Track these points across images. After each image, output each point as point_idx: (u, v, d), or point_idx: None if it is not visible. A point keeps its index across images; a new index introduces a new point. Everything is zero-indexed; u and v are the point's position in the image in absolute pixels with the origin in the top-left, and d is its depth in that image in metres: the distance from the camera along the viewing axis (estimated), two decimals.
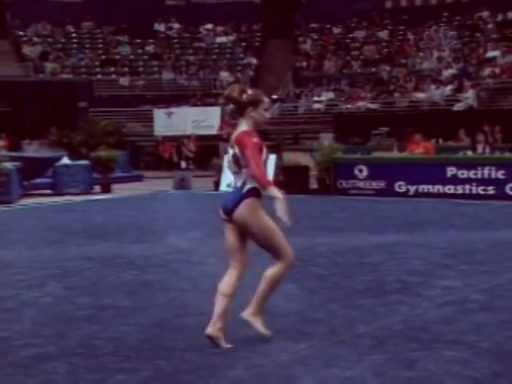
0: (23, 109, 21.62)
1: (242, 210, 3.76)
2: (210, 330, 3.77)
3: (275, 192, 3.69)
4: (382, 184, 11.97)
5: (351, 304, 4.70)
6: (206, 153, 18.53)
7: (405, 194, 11.60)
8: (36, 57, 23.76)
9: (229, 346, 3.75)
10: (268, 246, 3.83)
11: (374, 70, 22.63)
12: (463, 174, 11.13)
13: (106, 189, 14.15)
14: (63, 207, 11.67)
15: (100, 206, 11.64)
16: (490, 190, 10.89)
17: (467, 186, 11.07)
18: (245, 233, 3.80)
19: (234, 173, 3.86)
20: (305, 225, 8.78)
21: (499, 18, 22.63)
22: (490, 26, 22.46)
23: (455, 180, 11.17)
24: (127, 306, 4.76)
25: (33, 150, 19.04)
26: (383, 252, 6.64)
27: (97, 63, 24.66)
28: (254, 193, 3.80)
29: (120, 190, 14.25)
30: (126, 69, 24.53)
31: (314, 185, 12.97)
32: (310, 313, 4.51)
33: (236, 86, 3.88)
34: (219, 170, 14.12)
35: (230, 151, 3.82)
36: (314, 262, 6.22)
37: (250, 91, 3.85)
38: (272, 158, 14.08)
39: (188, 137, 19.96)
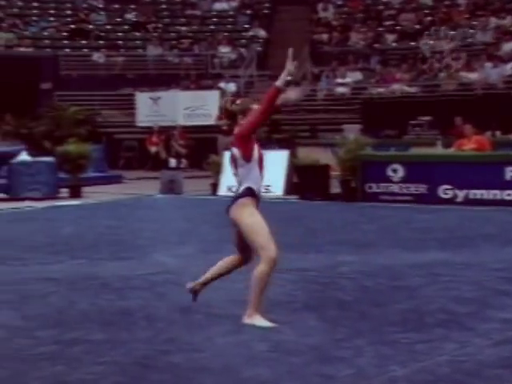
0: None
1: (234, 209, 4.95)
2: (192, 284, 5.33)
3: (282, 77, 4.81)
4: (422, 188, 11.97)
5: (383, 339, 4.70)
6: (200, 148, 18.60)
7: (451, 201, 11.59)
8: None
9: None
10: (252, 242, 4.93)
11: (412, 44, 22.65)
12: None
13: (75, 193, 14.22)
14: (21, 215, 11.71)
15: (68, 214, 11.67)
16: None
17: None
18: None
19: (234, 174, 4.98)
20: (325, 238, 8.79)
21: None
22: None
23: None
24: (101, 341, 4.76)
25: None
26: (423, 274, 6.63)
27: (64, 34, 24.77)
28: (249, 192, 4.93)
29: (93, 195, 14.30)
30: (101, 42, 24.65)
31: (336, 188, 12.99)
32: (331, 349, 4.51)
33: (228, 98, 5.11)
34: (217, 169, 14.15)
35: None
36: (336, 286, 6.23)
37: (238, 101, 5.14)
38: (283, 154, 14.20)
39: (180, 128, 20.03)
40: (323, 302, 5.64)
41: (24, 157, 14.41)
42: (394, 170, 12.24)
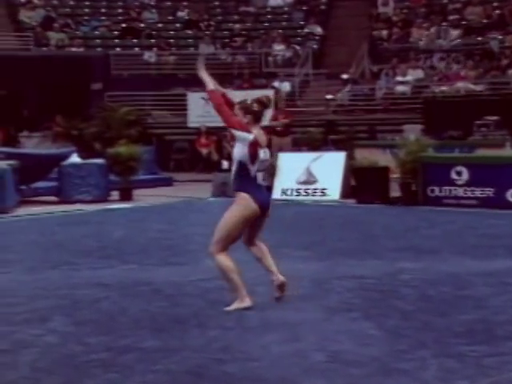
0: (20, 92, 22.17)
1: None
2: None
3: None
4: (488, 192, 11.76)
5: (448, 351, 4.62)
6: None
7: None
8: (37, 25, 24.36)
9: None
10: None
11: (479, 39, 22.26)
12: None
13: (126, 195, 14.36)
14: (71, 219, 11.91)
15: (118, 218, 11.82)
16: None
17: None
18: (264, 223, 5.96)
19: (262, 170, 5.80)
20: (384, 244, 8.70)
21: None
22: None
23: None
24: (153, 348, 4.80)
25: (33, 144, 19.49)
26: (491, 283, 6.52)
27: (115, 33, 25.14)
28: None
29: (144, 197, 14.44)
30: (153, 40, 24.93)
31: (395, 192, 12.86)
32: (392, 361, 4.45)
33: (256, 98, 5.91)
34: (272, 172, 14.15)
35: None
36: (397, 294, 6.17)
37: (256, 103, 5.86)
38: (340, 156, 14.12)
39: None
40: (383, 311, 5.59)
41: (74, 159, 14.59)
42: (459, 173, 12.06)
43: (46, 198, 14.18)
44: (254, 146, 5.67)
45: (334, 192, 13.59)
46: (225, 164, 16.03)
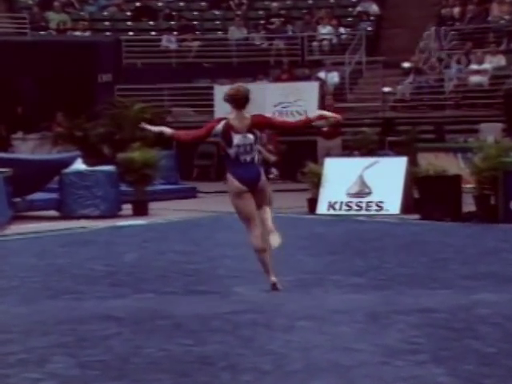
0: (14, 85, 22.41)
1: (265, 180, 7.75)
2: (274, 278, 7.50)
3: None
4: None
5: None
6: (295, 155, 18.62)
7: None
8: (34, 3, 24.61)
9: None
10: (269, 203, 7.80)
11: None
12: None
13: (140, 210, 14.41)
14: (75, 238, 11.97)
15: (131, 237, 11.86)
16: None
17: None
18: (262, 192, 7.67)
19: (247, 152, 7.51)
20: (456, 271, 8.62)
21: None
22: None
23: None
24: None
25: (28, 148, 19.63)
26: None
27: (127, 14, 25.29)
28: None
29: (162, 212, 14.47)
30: (172, 23, 25.04)
31: (470, 206, 12.76)
32: None
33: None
34: (316, 181, 14.12)
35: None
36: (473, 333, 6.11)
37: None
38: (399, 163, 14.03)
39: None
40: (456, 353, 5.52)
41: (78, 166, 14.71)
42: None
43: (45, 212, 14.27)
44: (225, 131, 7.43)
45: (392, 206, 13.55)
46: None
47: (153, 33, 24.77)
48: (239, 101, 7.50)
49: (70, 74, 20.73)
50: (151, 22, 24.97)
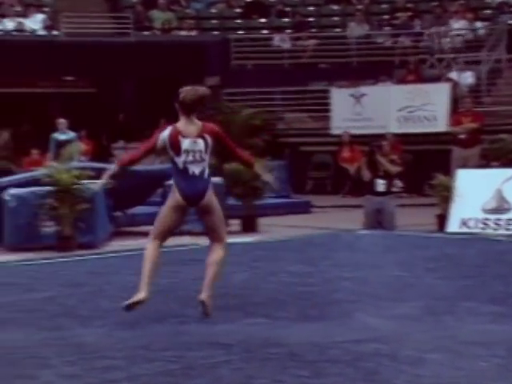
0: (116, 89, 22.82)
1: (211, 196, 7.69)
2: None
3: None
4: None
5: None
6: (422, 165, 18.37)
7: None
8: (138, 2, 25.05)
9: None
10: (219, 228, 7.85)
11: None
12: None
13: (249, 225, 14.57)
14: (175, 256, 12.00)
15: (240, 256, 11.83)
16: None
17: None
18: (209, 214, 7.70)
19: (197, 161, 7.63)
20: None
21: None
22: None
23: None
24: None
25: None
26: None
27: (236, 11, 25.49)
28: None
29: (273, 228, 14.58)
30: (286, 20, 25.13)
31: None
32: None
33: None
34: (446, 195, 13.91)
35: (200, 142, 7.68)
36: None
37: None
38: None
39: (392, 137, 19.91)
40: None
41: None
42: None
43: (147, 227, 14.38)
44: (172, 136, 7.63)
45: None
46: (380, 185, 15.81)
47: (264, 31, 24.98)
48: (187, 106, 7.68)
49: (174, 77, 20.98)
50: (262, 20, 25.17)
